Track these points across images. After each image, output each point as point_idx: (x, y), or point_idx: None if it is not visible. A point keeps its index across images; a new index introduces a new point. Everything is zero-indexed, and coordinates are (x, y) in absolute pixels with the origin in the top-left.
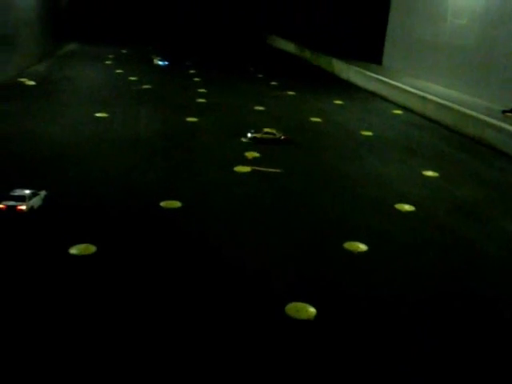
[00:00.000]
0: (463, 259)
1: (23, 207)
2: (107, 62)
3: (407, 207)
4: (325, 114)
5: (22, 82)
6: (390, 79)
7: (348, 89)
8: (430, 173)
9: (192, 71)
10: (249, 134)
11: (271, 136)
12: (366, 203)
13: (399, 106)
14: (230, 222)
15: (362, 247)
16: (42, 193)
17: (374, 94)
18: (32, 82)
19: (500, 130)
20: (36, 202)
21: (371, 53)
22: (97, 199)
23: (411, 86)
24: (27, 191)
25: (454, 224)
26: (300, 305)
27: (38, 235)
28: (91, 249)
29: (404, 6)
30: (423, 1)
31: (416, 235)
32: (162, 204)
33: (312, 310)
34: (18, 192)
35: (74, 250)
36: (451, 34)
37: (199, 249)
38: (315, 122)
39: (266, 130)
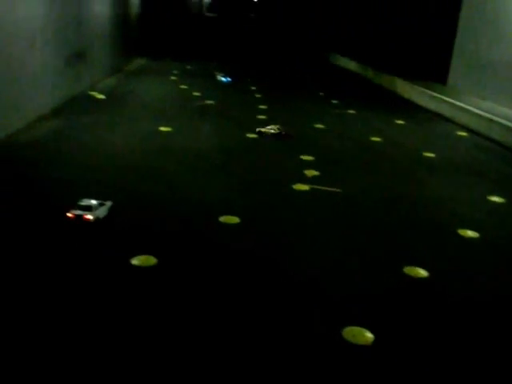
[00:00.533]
0: None
1: (90, 217)
2: (172, 78)
3: (471, 233)
4: (385, 134)
5: (93, 95)
6: (455, 100)
7: (410, 109)
8: (496, 198)
9: (253, 87)
10: (257, 129)
11: (273, 131)
12: (426, 227)
13: (464, 128)
14: (288, 240)
15: (423, 273)
16: (108, 203)
17: (437, 115)
18: (102, 96)
19: None
20: (102, 212)
21: (436, 72)
22: (158, 211)
23: (477, 108)
24: (93, 201)
25: None
26: (356, 329)
27: (103, 244)
28: (152, 260)
29: (473, 25)
30: (493, 20)
31: (480, 262)
32: (221, 219)
33: (369, 336)
34: (85, 202)
35: (135, 261)
36: None
37: (256, 265)
38: (375, 142)
39: (271, 126)
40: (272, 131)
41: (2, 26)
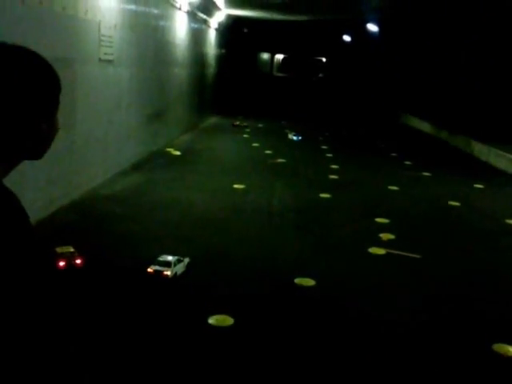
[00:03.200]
0: None
1: (168, 273)
2: (245, 136)
3: None
4: (463, 198)
5: (169, 151)
6: None
7: (488, 172)
8: None
9: (324, 147)
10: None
11: (243, 124)
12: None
13: None
14: (365, 309)
15: None
16: (186, 260)
17: None
18: (178, 152)
19: None
20: (179, 268)
21: None
22: (234, 269)
23: None
24: (170, 257)
25: None
26: None
27: (180, 301)
28: (228, 321)
29: None
30: None
31: None
32: (297, 281)
33: None
34: (163, 257)
35: (212, 320)
36: None
37: (331, 332)
38: (453, 206)
39: (242, 121)
40: (243, 124)
41: (94, 85)
